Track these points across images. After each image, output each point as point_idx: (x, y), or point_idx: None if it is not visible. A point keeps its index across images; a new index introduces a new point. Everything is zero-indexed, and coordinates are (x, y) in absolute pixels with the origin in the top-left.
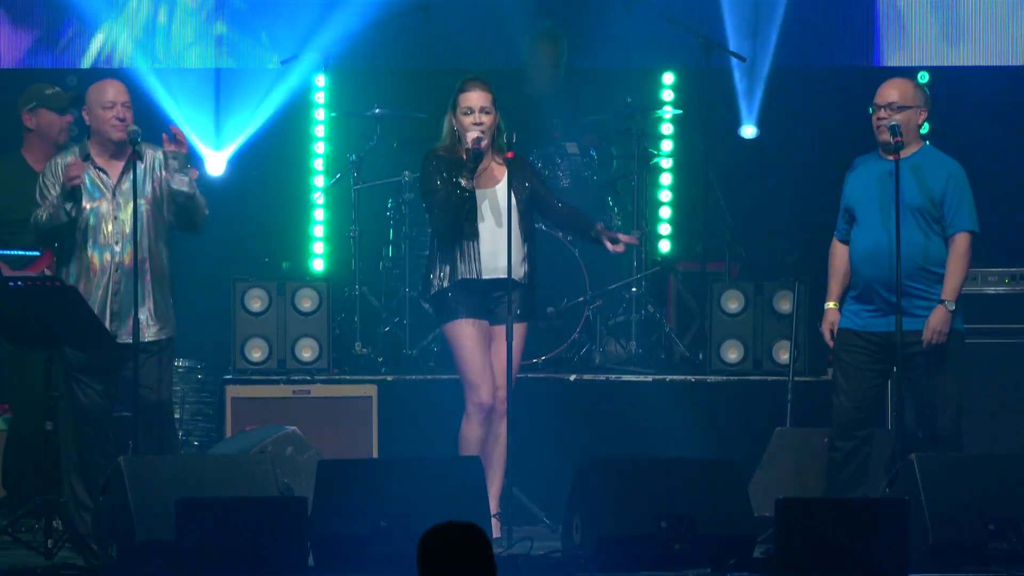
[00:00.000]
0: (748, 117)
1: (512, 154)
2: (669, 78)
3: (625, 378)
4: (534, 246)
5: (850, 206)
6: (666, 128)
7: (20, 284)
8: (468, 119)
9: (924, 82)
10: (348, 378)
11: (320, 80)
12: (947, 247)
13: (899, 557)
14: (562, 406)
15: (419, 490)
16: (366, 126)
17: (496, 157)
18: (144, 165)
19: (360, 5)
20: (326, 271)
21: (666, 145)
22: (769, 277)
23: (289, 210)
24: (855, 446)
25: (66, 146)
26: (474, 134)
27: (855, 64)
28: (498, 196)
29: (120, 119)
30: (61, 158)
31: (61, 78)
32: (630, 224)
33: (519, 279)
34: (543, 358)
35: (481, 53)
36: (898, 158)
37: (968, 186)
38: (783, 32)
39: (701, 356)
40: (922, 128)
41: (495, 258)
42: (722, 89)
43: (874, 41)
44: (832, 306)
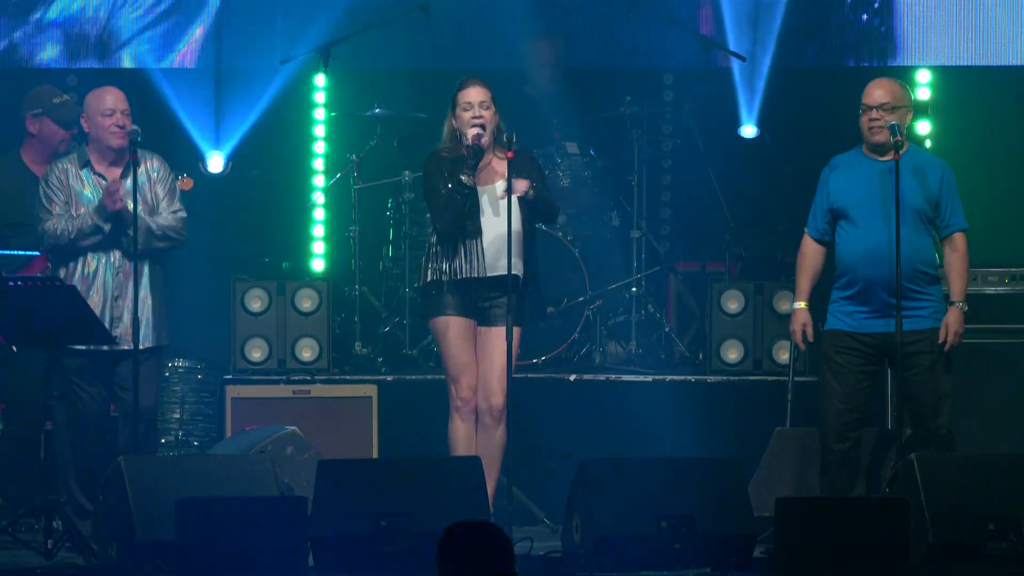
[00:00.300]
0: (748, 117)
1: (512, 154)
2: (669, 78)
3: (625, 378)
4: (534, 244)
5: (841, 206)
6: (666, 128)
7: (20, 284)
8: (467, 115)
9: (927, 82)
10: (348, 378)
11: (320, 80)
12: (939, 247)
13: (899, 557)
14: (562, 406)
15: (419, 490)
16: (366, 126)
17: (498, 152)
18: (141, 171)
19: (360, 5)
20: (326, 271)
21: (666, 145)
22: (769, 277)
23: (289, 210)
24: (849, 447)
25: (64, 153)
26: (474, 131)
27: (855, 64)
28: (498, 192)
29: (120, 126)
30: (62, 166)
31: (61, 78)
32: (630, 224)
33: (518, 274)
34: (543, 358)
35: (481, 53)
36: (897, 158)
37: (956, 184)
38: (783, 32)
39: (701, 356)
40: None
41: (496, 255)
42: (722, 89)
43: (874, 41)
44: (803, 306)
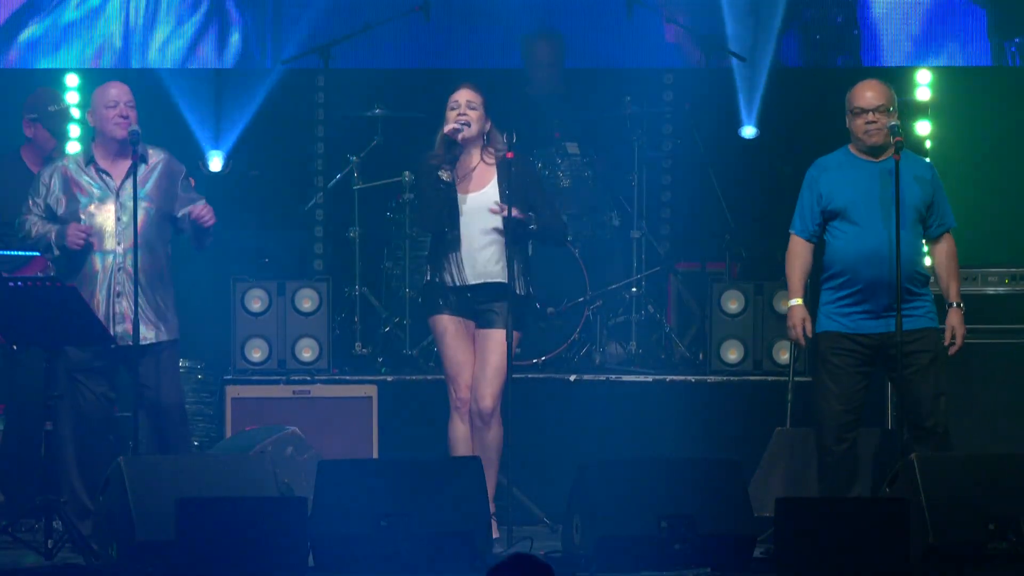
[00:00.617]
0: (748, 117)
1: (512, 154)
2: (669, 78)
3: (625, 378)
4: (525, 251)
5: (839, 207)
6: (666, 128)
7: (20, 284)
8: (453, 113)
9: (927, 82)
10: (348, 378)
11: (320, 80)
12: (929, 246)
13: (899, 557)
14: (562, 406)
15: (419, 490)
16: (366, 126)
17: (485, 158)
18: (148, 166)
19: (360, 5)
20: (326, 271)
21: (666, 145)
22: (769, 277)
23: (289, 210)
24: (847, 448)
25: (54, 158)
26: (453, 125)
27: (854, 64)
28: (485, 200)
29: (123, 117)
30: (54, 167)
31: (61, 77)
32: (630, 224)
33: (506, 282)
34: (543, 358)
35: (481, 53)
36: (898, 158)
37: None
38: (783, 32)
39: (701, 356)
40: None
41: (481, 264)
42: (722, 89)
43: (874, 41)
44: (800, 302)
